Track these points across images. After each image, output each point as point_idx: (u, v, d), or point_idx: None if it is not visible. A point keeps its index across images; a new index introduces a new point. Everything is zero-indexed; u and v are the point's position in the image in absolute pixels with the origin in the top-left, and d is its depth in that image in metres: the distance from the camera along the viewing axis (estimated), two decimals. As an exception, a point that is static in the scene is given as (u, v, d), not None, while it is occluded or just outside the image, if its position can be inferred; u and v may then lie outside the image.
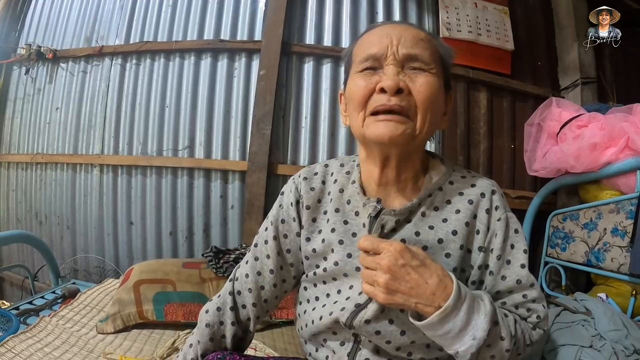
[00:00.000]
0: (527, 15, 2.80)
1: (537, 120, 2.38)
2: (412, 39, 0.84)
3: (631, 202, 1.86)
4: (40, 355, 1.42)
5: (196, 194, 2.62)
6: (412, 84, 0.81)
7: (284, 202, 0.99)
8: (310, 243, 0.95)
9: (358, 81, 0.84)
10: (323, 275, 0.92)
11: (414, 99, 0.81)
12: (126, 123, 2.75)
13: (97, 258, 2.77)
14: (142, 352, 1.54)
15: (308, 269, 0.96)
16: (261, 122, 2.45)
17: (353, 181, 0.94)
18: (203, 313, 1.00)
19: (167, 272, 1.93)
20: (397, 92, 0.80)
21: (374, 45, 0.84)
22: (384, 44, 0.83)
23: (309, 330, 0.93)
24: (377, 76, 0.83)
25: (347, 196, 0.93)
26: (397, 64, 0.82)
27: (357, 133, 0.87)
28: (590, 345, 1.31)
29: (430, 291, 0.73)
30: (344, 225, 0.91)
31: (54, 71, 3.00)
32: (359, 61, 0.85)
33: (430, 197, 0.88)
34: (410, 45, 0.83)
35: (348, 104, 0.89)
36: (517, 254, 0.85)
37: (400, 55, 0.82)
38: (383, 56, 0.83)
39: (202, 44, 2.65)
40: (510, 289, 0.85)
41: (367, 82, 0.83)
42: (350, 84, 0.87)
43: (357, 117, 0.85)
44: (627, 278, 1.80)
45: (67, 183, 2.87)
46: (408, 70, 0.83)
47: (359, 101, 0.83)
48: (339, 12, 2.63)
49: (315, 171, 0.99)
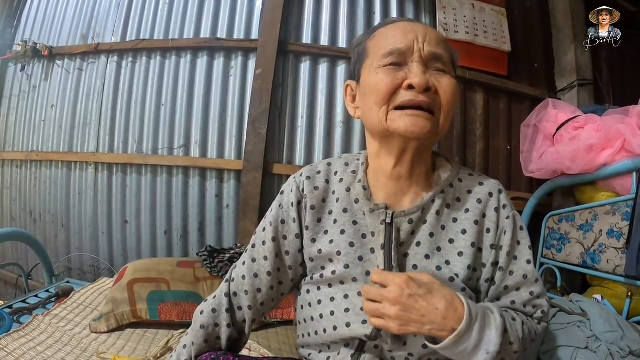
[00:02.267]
0: (525, 17, 2.80)
1: (534, 122, 2.38)
2: (436, 38, 0.85)
3: (627, 203, 1.87)
4: (33, 354, 1.41)
5: (191, 193, 2.61)
6: (438, 83, 0.83)
7: (284, 202, 0.96)
8: (316, 244, 0.92)
9: (382, 76, 0.83)
10: (330, 279, 0.90)
11: (440, 98, 0.83)
12: (122, 121, 2.74)
13: (91, 257, 2.76)
14: (135, 351, 1.53)
15: (313, 271, 0.95)
16: (257, 121, 2.44)
17: (359, 180, 0.93)
18: (198, 314, 0.98)
19: (161, 271, 1.92)
20: (426, 90, 0.81)
21: (398, 39, 0.84)
22: (409, 39, 0.83)
23: (319, 338, 0.92)
24: (402, 72, 0.82)
25: (355, 195, 0.92)
26: (422, 62, 0.83)
27: (377, 126, 0.86)
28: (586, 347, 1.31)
29: (441, 316, 0.74)
30: (353, 226, 0.90)
31: (49, 68, 2.98)
32: (382, 55, 0.84)
33: (443, 194, 0.89)
34: (435, 45, 0.84)
35: (366, 96, 0.87)
36: (523, 250, 0.88)
37: (426, 53, 0.83)
38: (409, 52, 0.83)
39: (198, 42, 2.64)
40: (518, 284, 0.87)
41: (393, 77, 0.82)
42: (370, 77, 0.86)
43: (378, 111, 0.84)
44: (623, 279, 1.80)
45: (61, 181, 2.85)
46: (432, 70, 0.84)
47: (384, 96, 0.82)
48: (336, 12, 2.62)
49: (318, 170, 0.97)
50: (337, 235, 0.90)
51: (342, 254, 0.88)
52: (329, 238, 0.91)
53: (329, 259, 0.91)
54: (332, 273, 0.89)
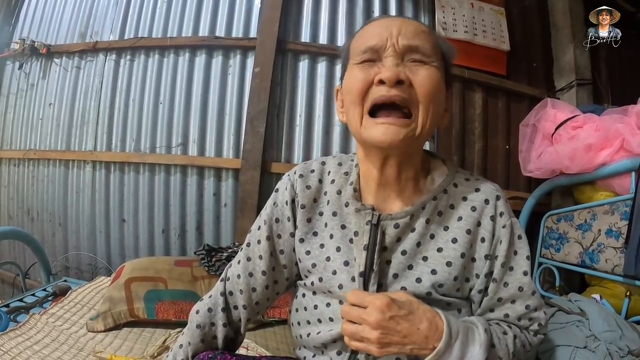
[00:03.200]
0: (523, 16, 2.80)
1: (532, 121, 2.38)
2: (413, 30, 0.81)
3: (626, 203, 1.87)
4: (29, 353, 1.41)
5: (189, 192, 2.61)
6: (414, 76, 0.78)
7: (279, 200, 0.94)
8: (304, 245, 0.91)
9: (355, 73, 0.81)
10: (320, 286, 0.88)
11: (415, 92, 0.78)
12: (119, 119, 2.73)
13: (89, 255, 2.75)
14: (132, 350, 1.53)
15: (304, 272, 0.93)
16: (255, 119, 2.44)
17: (351, 182, 0.90)
18: (194, 313, 0.96)
19: (158, 270, 1.91)
20: (398, 83, 0.76)
21: (372, 37, 0.81)
22: (383, 36, 0.80)
23: (312, 340, 0.90)
24: (375, 68, 0.79)
25: (345, 198, 0.89)
26: (396, 56, 0.78)
27: (355, 132, 0.83)
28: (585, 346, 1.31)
29: (423, 335, 0.73)
30: (341, 230, 0.88)
31: (47, 66, 2.98)
32: (357, 53, 0.82)
33: (435, 201, 0.85)
34: (410, 37, 0.79)
35: (345, 98, 0.85)
36: (520, 261, 0.84)
37: (400, 47, 0.79)
38: (382, 48, 0.79)
39: (196, 40, 2.64)
40: (513, 297, 0.84)
41: (366, 74, 0.79)
42: (347, 77, 0.84)
43: (354, 113, 0.81)
44: (622, 279, 1.80)
45: (59, 179, 2.85)
46: (409, 63, 0.79)
47: (357, 94, 0.79)
48: (334, 10, 2.62)
49: (311, 168, 0.95)
50: (327, 240, 0.89)
51: (331, 260, 0.87)
52: (318, 241, 0.90)
53: (316, 263, 0.89)
54: (319, 280, 0.88)
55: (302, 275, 0.95)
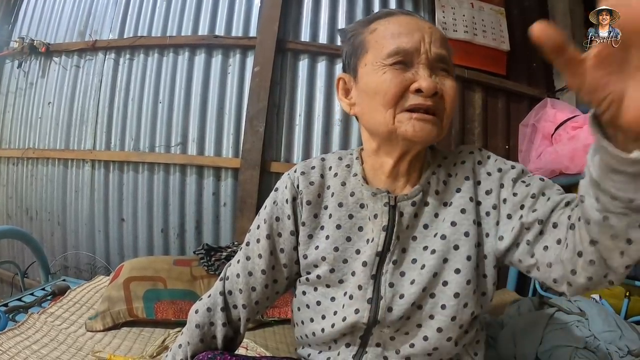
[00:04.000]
0: (523, 17, 2.79)
1: (532, 121, 2.38)
2: (440, 38, 0.84)
3: (625, 203, 1.86)
4: (28, 352, 1.40)
5: (188, 191, 2.61)
6: (443, 86, 0.82)
7: (279, 199, 0.94)
8: (313, 240, 0.91)
9: (389, 76, 0.81)
10: (328, 278, 0.88)
11: (444, 102, 0.82)
12: (119, 118, 2.73)
13: (87, 255, 2.75)
14: (131, 350, 1.52)
15: (307, 269, 0.92)
16: (255, 119, 2.44)
17: (355, 174, 0.91)
18: (193, 313, 0.96)
19: (157, 269, 1.91)
20: (433, 94, 0.80)
21: (404, 38, 0.82)
22: (416, 39, 0.81)
23: (318, 339, 0.90)
24: (409, 74, 0.81)
25: (350, 189, 0.90)
26: (429, 64, 0.81)
27: (382, 128, 0.83)
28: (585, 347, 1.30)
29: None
30: (349, 220, 0.89)
31: (46, 65, 2.97)
32: (387, 53, 0.81)
33: (435, 175, 0.88)
34: (439, 45, 0.83)
35: (368, 96, 0.85)
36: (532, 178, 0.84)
37: (432, 55, 0.81)
38: (416, 52, 0.81)
39: (196, 39, 2.64)
40: (542, 188, 0.81)
41: (401, 79, 0.80)
42: (374, 77, 0.83)
43: (384, 113, 0.82)
44: (621, 279, 1.80)
45: (58, 179, 2.84)
46: (437, 72, 0.83)
47: (392, 98, 0.80)
48: (334, 10, 2.61)
49: (312, 165, 0.95)
50: (334, 231, 0.89)
51: (340, 250, 0.87)
52: (325, 234, 0.90)
53: (324, 257, 0.89)
54: (330, 271, 0.88)
55: (303, 272, 0.94)
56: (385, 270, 0.84)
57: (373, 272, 0.84)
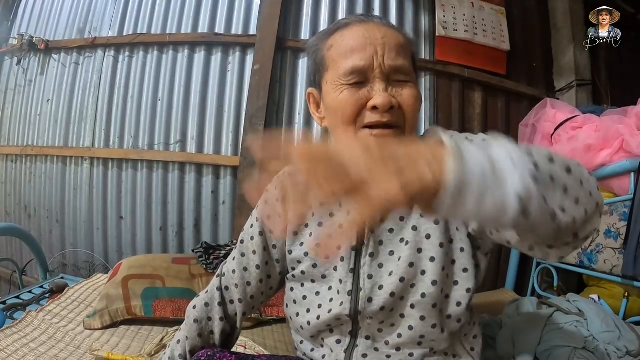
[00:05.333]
0: (524, 16, 2.81)
1: (532, 121, 2.39)
2: (395, 47, 0.83)
3: (625, 204, 1.86)
4: (25, 350, 1.40)
5: (187, 189, 2.61)
6: (400, 97, 0.82)
7: (269, 199, 0.98)
8: (298, 237, 0.95)
9: (345, 95, 0.82)
10: (312, 273, 0.92)
11: (403, 112, 0.82)
12: (118, 116, 2.73)
13: (86, 253, 2.74)
14: (129, 348, 1.52)
15: (292, 264, 0.97)
16: (254, 117, 2.44)
17: None
18: (190, 309, 1.00)
19: (156, 267, 1.91)
20: (390, 108, 0.80)
21: (356, 54, 0.82)
22: (368, 54, 0.82)
23: (306, 332, 0.93)
24: (365, 90, 0.82)
25: None
26: (384, 78, 0.82)
27: None
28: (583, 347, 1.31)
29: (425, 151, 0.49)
30: (330, 218, 0.92)
31: (45, 62, 2.96)
32: (343, 74, 0.83)
33: None
34: (395, 56, 0.82)
35: (331, 114, 0.87)
36: None
37: (387, 68, 0.82)
38: (370, 68, 0.82)
39: (196, 37, 2.64)
40: None
41: (357, 98, 0.81)
42: (333, 95, 0.84)
43: (345, 131, 0.84)
44: (620, 280, 1.80)
45: (57, 176, 2.84)
46: (394, 83, 0.83)
47: (349, 117, 0.82)
48: (334, 9, 2.62)
49: None
50: (315, 228, 0.93)
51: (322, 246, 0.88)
52: (309, 231, 0.94)
53: (306, 253, 0.92)
54: (313, 267, 0.91)
55: (290, 267, 0.98)
56: (363, 263, 0.86)
57: (351, 266, 0.87)
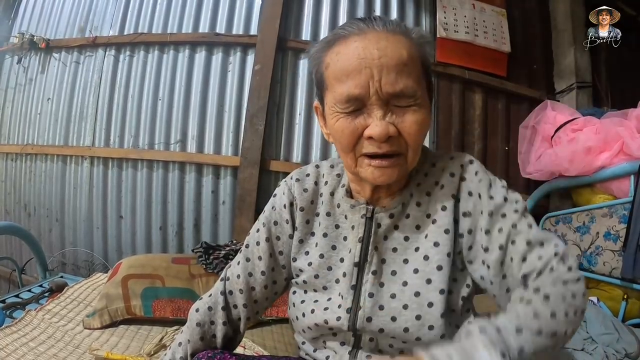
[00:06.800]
0: (525, 18, 2.82)
1: (532, 123, 2.40)
2: (395, 67, 0.76)
3: (624, 206, 1.88)
4: (25, 350, 1.41)
5: (187, 189, 2.62)
6: (401, 123, 0.77)
7: (277, 204, 0.97)
8: (304, 245, 0.94)
9: (342, 124, 0.79)
10: (313, 283, 0.91)
11: (404, 139, 0.78)
12: (118, 115, 2.74)
13: (85, 252, 2.75)
14: (129, 348, 1.53)
15: (295, 271, 0.96)
16: (255, 117, 2.45)
17: (343, 184, 0.93)
18: (193, 312, 0.98)
19: (156, 267, 1.91)
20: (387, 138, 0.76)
21: (351, 80, 0.76)
22: (363, 79, 0.75)
23: (308, 334, 0.93)
24: (362, 118, 0.77)
25: (337, 199, 0.92)
26: (381, 104, 0.76)
27: (349, 168, 0.84)
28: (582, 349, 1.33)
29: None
30: (335, 230, 0.92)
31: (46, 61, 2.98)
32: (338, 101, 0.78)
33: (419, 186, 0.88)
34: (394, 80, 0.75)
35: (334, 140, 0.84)
36: (510, 207, 0.80)
37: (384, 94, 0.75)
38: (365, 96, 0.76)
39: (197, 37, 2.65)
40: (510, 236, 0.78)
41: (353, 127, 0.78)
42: (332, 121, 0.81)
43: (346, 157, 0.82)
44: (619, 282, 1.82)
45: (56, 175, 2.85)
46: (394, 107, 0.77)
47: (347, 145, 0.79)
48: (335, 9, 2.63)
49: (307, 172, 0.98)
50: (321, 238, 0.92)
51: (325, 257, 0.90)
52: (315, 240, 0.93)
53: (310, 263, 0.92)
54: (315, 277, 0.91)
55: (294, 273, 0.97)
56: (365, 280, 0.85)
57: (353, 283, 0.86)
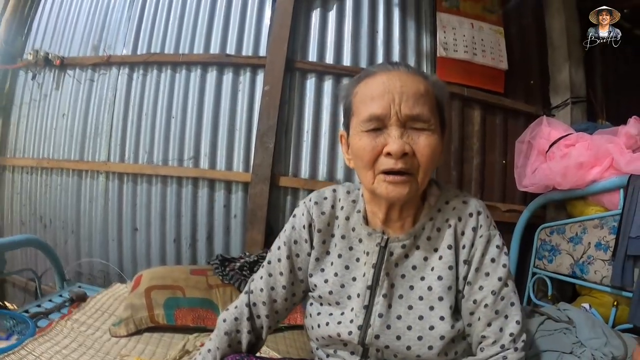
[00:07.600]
0: (521, 36, 2.87)
1: (528, 138, 2.45)
2: (413, 95, 0.89)
3: (614, 218, 1.94)
4: (59, 357, 1.49)
5: (200, 203, 2.68)
6: (415, 145, 0.88)
7: (297, 225, 1.08)
8: (319, 263, 1.05)
9: (364, 142, 0.90)
10: (327, 298, 1.02)
11: (417, 160, 0.89)
12: (132, 132, 2.81)
13: (101, 262, 2.82)
14: (155, 354, 1.62)
15: (311, 285, 1.07)
16: (265, 136, 2.52)
17: (358, 210, 1.03)
18: (221, 322, 1.09)
19: (176, 278, 2.01)
20: (403, 155, 0.87)
21: (375, 102, 0.89)
22: (385, 102, 0.88)
23: (321, 342, 1.04)
24: (382, 137, 0.89)
25: (352, 224, 1.03)
26: (400, 125, 0.88)
27: (367, 187, 0.95)
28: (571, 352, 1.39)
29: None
30: (349, 251, 1.03)
31: (60, 78, 3.04)
32: (362, 120, 0.90)
33: (431, 221, 0.98)
34: (412, 105, 0.88)
35: (355, 159, 0.96)
36: (497, 268, 0.95)
37: (403, 116, 0.88)
38: (387, 117, 0.88)
39: (208, 57, 2.72)
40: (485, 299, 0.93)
41: (373, 145, 0.89)
42: (355, 141, 0.93)
43: (366, 174, 0.93)
44: (609, 289, 1.88)
45: (72, 188, 2.92)
46: (410, 130, 0.89)
47: (367, 163, 0.90)
48: (340, 31, 2.69)
49: (324, 196, 1.08)
50: (336, 259, 1.03)
51: (339, 275, 1.02)
52: (330, 260, 1.04)
53: (326, 280, 1.03)
54: (329, 293, 1.02)
55: (310, 287, 1.09)
56: (376, 302, 0.97)
57: (365, 303, 0.97)
